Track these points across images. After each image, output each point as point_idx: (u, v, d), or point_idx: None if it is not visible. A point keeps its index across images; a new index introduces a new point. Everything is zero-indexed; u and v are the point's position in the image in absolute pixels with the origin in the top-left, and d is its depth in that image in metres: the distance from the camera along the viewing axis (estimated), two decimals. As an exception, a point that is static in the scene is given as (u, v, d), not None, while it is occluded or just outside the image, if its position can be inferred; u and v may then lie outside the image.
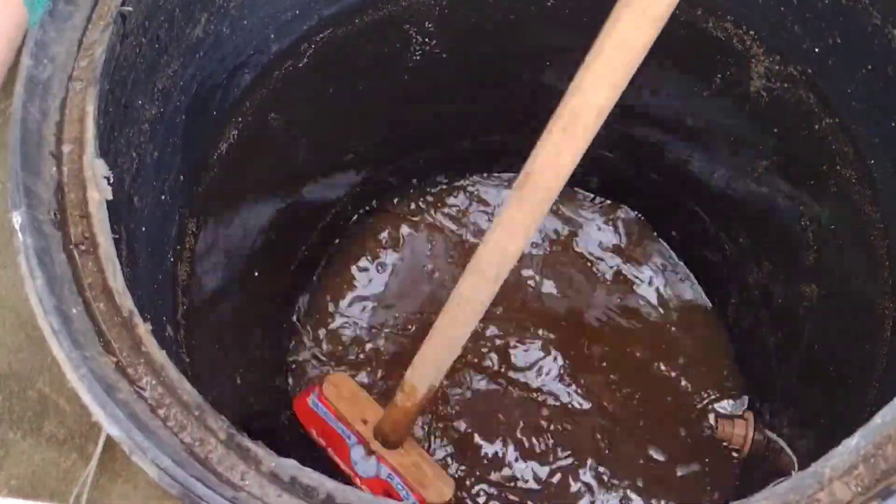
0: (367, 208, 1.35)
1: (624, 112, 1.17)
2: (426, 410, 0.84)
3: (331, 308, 1.36)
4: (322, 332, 1.34)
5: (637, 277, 1.35)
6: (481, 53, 1.10)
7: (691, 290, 1.35)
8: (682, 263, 1.35)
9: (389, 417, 0.79)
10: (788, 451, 1.01)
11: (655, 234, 1.36)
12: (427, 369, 0.75)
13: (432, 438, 1.18)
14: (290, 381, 1.31)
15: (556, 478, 1.23)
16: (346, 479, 0.80)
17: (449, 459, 1.17)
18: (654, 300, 1.35)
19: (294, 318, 1.31)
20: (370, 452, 0.80)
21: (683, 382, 1.29)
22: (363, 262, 1.39)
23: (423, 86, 1.14)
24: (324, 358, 1.32)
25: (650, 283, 1.35)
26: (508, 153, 1.34)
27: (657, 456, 1.24)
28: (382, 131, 1.21)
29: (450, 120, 1.24)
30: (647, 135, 1.19)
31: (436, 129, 1.26)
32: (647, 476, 1.23)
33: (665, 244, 1.36)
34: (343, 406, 0.84)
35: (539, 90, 1.18)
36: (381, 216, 1.40)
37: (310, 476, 0.51)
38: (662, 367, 1.30)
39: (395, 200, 1.39)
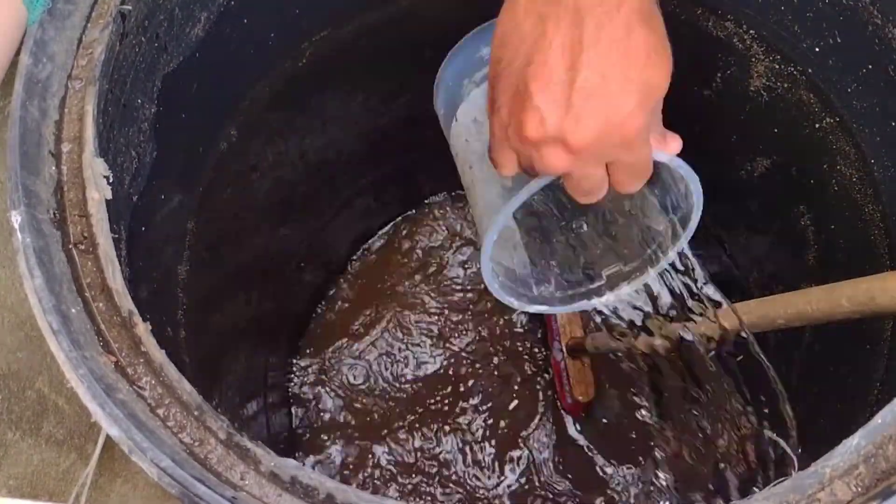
0: (369, 207, 1.35)
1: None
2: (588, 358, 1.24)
3: (332, 305, 1.36)
4: (323, 328, 1.35)
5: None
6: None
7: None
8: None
9: (576, 342, 1.21)
10: (788, 450, 1.01)
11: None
12: (602, 341, 1.10)
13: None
14: (295, 377, 1.31)
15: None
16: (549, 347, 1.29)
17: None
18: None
19: (295, 317, 1.31)
20: (560, 350, 1.23)
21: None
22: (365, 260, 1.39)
23: (423, 86, 1.14)
24: (326, 353, 1.33)
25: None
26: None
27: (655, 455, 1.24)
28: (382, 131, 1.21)
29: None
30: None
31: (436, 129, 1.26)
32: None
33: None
34: (563, 317, 1.24)
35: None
36: (382, 216, 1.40)
37: (310, 476, 0.51)
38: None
39: (400, 199, 1.39)
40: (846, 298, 0.66)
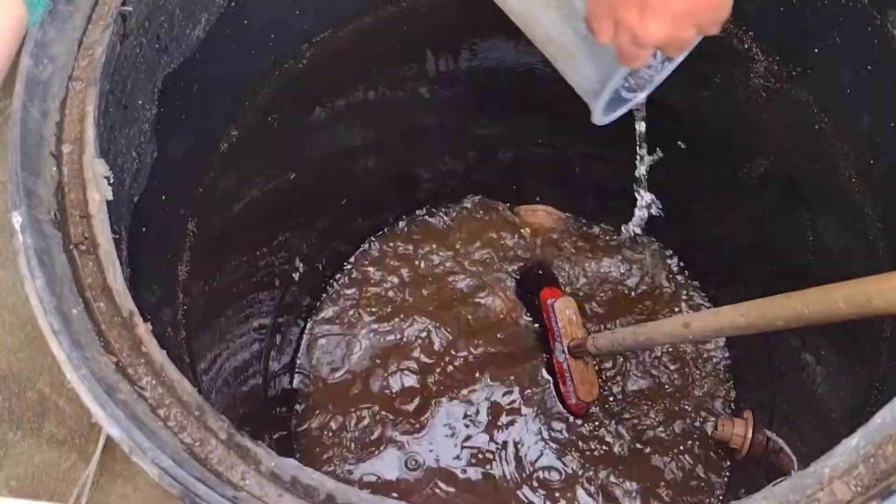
0: (369, 209, 1.35)
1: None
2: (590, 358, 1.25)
3: (333, 306, 1.36)
4: (323, 329, 1.35)
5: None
6: (481, 56, 1.10)
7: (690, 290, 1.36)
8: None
9: (578, 342, 1.21)
10: (788, 450, 1.01)
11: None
12: (604, 341, 1.13)
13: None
14: (295, 377, 1.31)
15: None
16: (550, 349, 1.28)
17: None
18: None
19: (295, 317, 1.31)
20: (562, 351, 1.24)
21: (681, 382, 1.29)
22: (363, 262, 1.39)
23: (423, 88, 1.15)
24: (327, 353, 1.33)
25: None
26: (510, 161, 1.34)
27: (653, 454, 1.24)
28: (383, 132, 1.21)
29: (450, 122, 1.24)
30: (646, 135, 1.19)
31: (436, 131, 1.26)
32: (644, 474, 1.24)
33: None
34: (564, 318, 1.25)
35: (540, 92, 1.18)
36: (383, 217, 1.40)
37: (310, 476, 0.51)
38: (660, 367, 1.30)
39: (397, 202, 1.39)
40: (843, 300, 0.66)
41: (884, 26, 0.75)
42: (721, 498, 1.22)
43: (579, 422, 1.26)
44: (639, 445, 1.25)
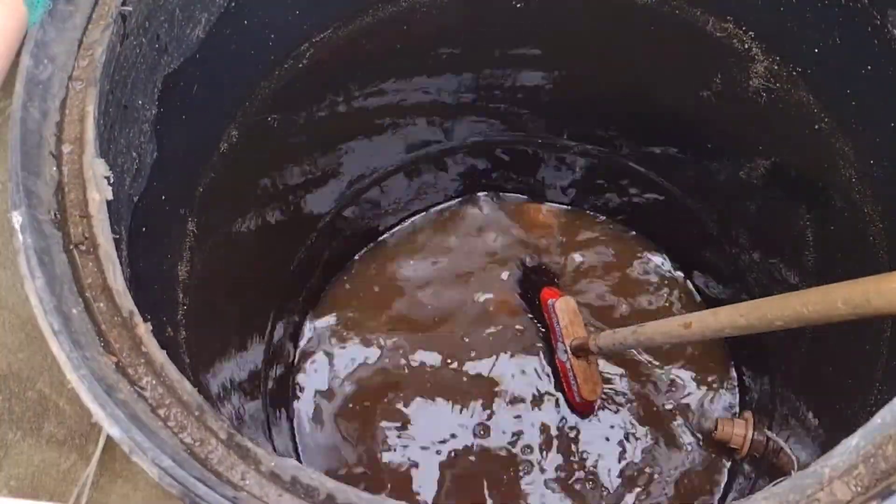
0: (368, 209, 1.35)
1: (623, 111, 1.17)
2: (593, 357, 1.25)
3: (330, 307, 1.36)
4: (320, 330, 1.35)
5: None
6: (481, 55, 1.10)
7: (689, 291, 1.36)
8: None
9: (580, 342, 1.21)
10: (788, 450, 1.01)
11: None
12: (605, 340, 1.13)
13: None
14: (296, 375, 1.31)
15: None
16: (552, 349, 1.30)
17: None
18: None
19: (294, 317, 1.31)
20: (565, 350, 1.24)
21: (683, 382, 1.29)
22: (363, 264, 1.39)
23: (423, 87, 1.14)
24: (325, 355, 1.33)
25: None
26: (509, 164, 1.34)
27: (653, 454, 1.24)
28: (382, 132, 1.21)
29: (449, 123, 1.24)
30: (647, 135, 1.19)
31: (435, 132, 1.26)
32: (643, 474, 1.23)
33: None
34: (565, 318, 1.25)
35: (539, 91, 1.18)
36: (381, 218, 1.40)
37: (310, 476, 0.51)
38: (661, 367, 1.30)
39: (394, 203, 1.39)
40: (842, 300, 0.66)
41: (884, 26, 0.75)
42: (721, 498, 1.22)
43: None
44: (638, 445, 1.25)
